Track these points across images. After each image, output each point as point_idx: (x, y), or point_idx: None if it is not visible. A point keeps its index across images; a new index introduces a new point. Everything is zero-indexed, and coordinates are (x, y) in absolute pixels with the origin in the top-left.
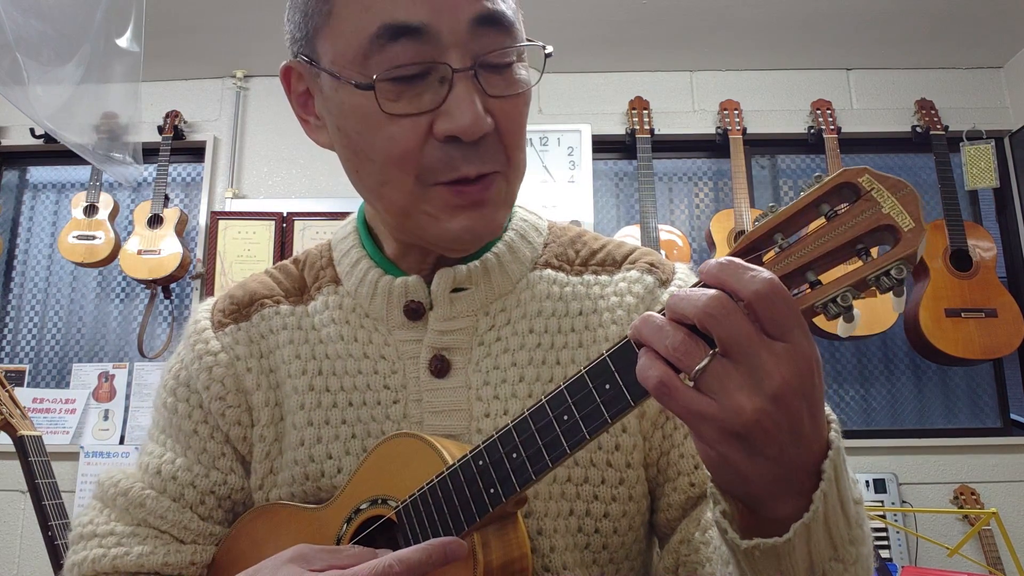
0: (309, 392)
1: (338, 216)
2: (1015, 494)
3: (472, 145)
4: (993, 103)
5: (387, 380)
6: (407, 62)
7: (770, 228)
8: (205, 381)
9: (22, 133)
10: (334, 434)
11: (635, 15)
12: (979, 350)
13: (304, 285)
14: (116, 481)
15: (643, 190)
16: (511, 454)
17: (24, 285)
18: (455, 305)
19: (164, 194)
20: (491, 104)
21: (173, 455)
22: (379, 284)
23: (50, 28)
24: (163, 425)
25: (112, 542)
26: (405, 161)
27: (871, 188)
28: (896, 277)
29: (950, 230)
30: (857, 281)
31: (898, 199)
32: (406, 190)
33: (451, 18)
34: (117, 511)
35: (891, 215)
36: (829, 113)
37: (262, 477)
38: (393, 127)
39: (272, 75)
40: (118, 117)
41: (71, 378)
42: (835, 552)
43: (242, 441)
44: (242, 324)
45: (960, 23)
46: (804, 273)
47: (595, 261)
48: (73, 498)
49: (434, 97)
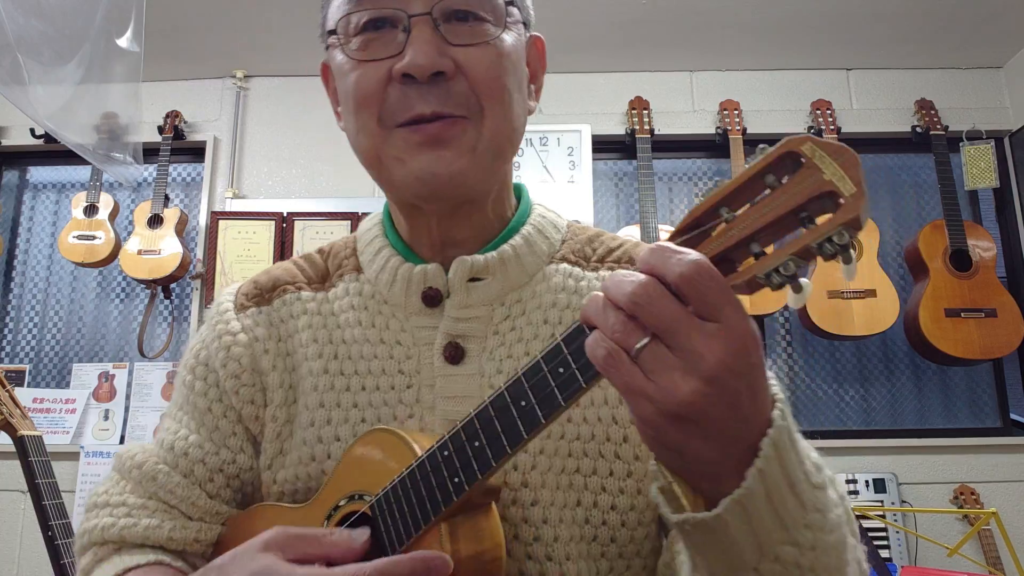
0: (323, 375)
1: (338, 216)
2: (1015, 494)
3: (430, 86)
4: (993, 103)
5: (402, 365)
6: (369, 8)
7: (715, 202)
8: (223, 359)
9: (22, 133)
10: (344, 417)
11: (635, 15)
12: (979, 350)
13: (327, 273)
14: (133, 454)
15: (643, 190)
16: (472, 442)
17: (24, 285)
18: (471, 294)
19: (164, 194)
20: (455, 52)
21: (187, 431)
22: (399, 271)
23: (51, 28)
24: (180, 402)
25: (122, 512)
26: (368, 102)
27: (812, 155)
28: (838, 243)
29: (950, 230)
30: (800, 249)
31: (839, 164)
32: (372, 133)
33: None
34: (132, 483)
35: (832, 180)
36: (829, 113)
37: (271, 457)
38: (358, 72)
39: (272, 75)
40: (118, 117)
41: (71, 378)
42: (787, 535)
43: (254, 420)
44: (263, 308)
45: (960, 23)
46: (748, 245)
47: (612, 258)
48: (73, 498)
49: (396, 45)
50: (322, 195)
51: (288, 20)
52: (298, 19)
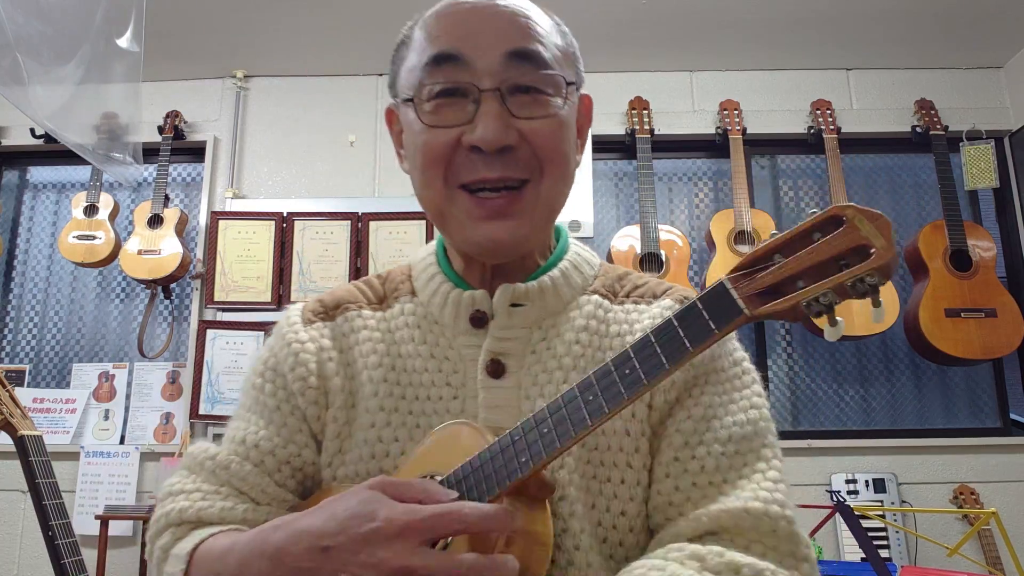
0: (383, 383)
1: (338, 216)
2: (1015, 494)
3: (496, 155)
4: (993, 103)
5: (449, 378)
6: (444, 80)
7: (770, 249)
8: (291, 364)
9: (22, 133)
10: (401, 420)
11: (635, 15)
12: (979, 350)
13: (384, 296)
14: (205, 449)
15: (643, 190)
16: (542, 429)
17: (24, 285)
18: (513, 318)
19: (164, 194)
20: (520, 124)
21: (256, 428)
22: (450, 296)
23: (50, 28)
24: (249, 404)
25: (198, 497)
26: (436, 164)
27: (853, 218)
28: (870, 283)
29: (950, 230)
30: (837, 284)
31: (875, 226)
32: (437, 190)
33: (487, 51)
34: (204, 474)
35: (867, 237)
36: (829, 113)
37: (331, 455)
38: (429, 135)
39: (272, 75)
40: (118, 117)
41: (71, 378)
42: None
43: (316, 420)
44: (328, 323)
45: (960, 23)
46: (795, 281)
47: (636, 294)
48: (73, 498)
49: (465, 114)
50: (322, 195)
51: (288, 20)
52: (298, 19)
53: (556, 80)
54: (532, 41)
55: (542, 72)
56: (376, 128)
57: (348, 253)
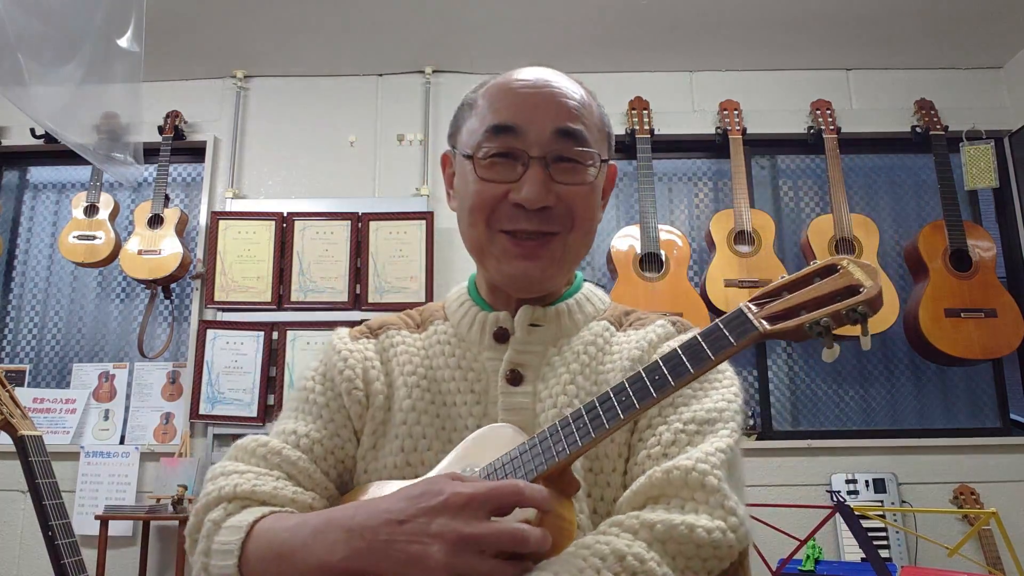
0: (416, 388)
1: (338, 216)
2: (1015, 494)
3: (536, 212)
4: (993, 103)
5: (473, 386)
6: (500, 145)
7: (780, 287)
8: (340, 368)
9: (22, 133)
10: (429, 421)
11: (635, 15)
12: (979, 350)
13: (422, 321)
14: (261, 440)
15: (643, 190)
16: (578, 424)
17: (24, 285)
18: (531, 335)
19: (164, 194)
20: (559, 188)
21: (305, 424)
22: (477, 317)
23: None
24: (296, 406)
25: (251, 476)
26: (483, 210)
27: (847, 266)
28: (860, 312)
29: (950, 230)
30: (833, 312)
31: (864, 271)
32: (480, 231)
33: (539, 126)
34: (255, 459)
35: (859, 279)
36: (829, 113)
37: (367, 449)
38: (481, 187)
39: (272, 75)
40: (119, 117)
41: (71, 378)
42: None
43: (358, 419)
44: (373, 340)
45: (960, 23)
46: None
47: (638, 322)
48: (73, 498)
49: (514, 174)
50: (322, 195)
51: (288, 20)
52: (298, 19)
53: (592, 155)
54: (577, 121)
55: (581, 149)
56: (376, 128)
57: (348, 253)
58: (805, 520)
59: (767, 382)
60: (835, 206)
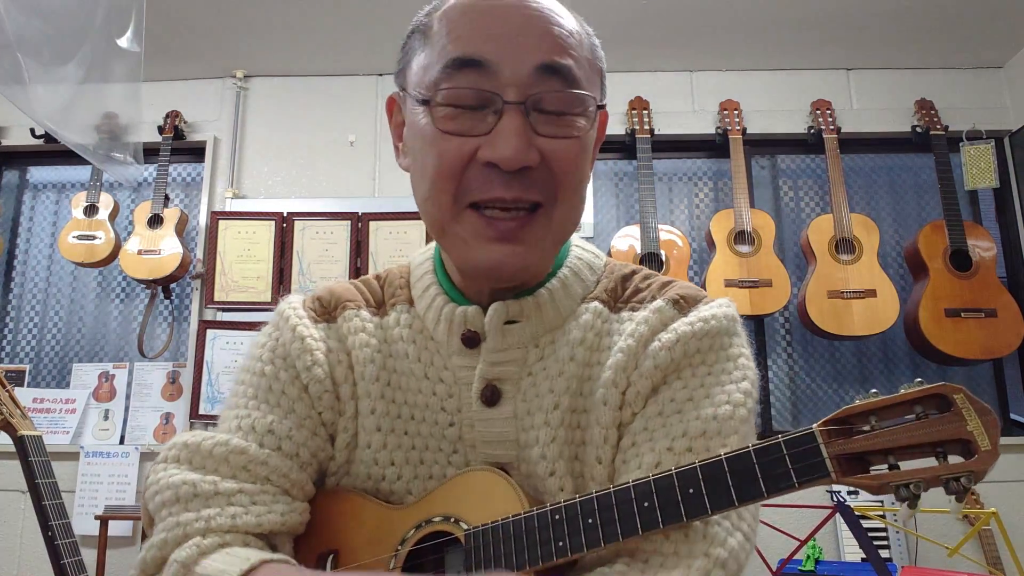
0: (380, 400)
1: (338, 216)
2: (1015, 494)
3: (514, 174)
4: (993, 103)
5: (444, 403)
6: (466, 86)
7: (867, 409)
8: (307, 362)
9: (22, 133)
10: (397, 443)
11: (635, 15)
12: (979, 350)
13: (382, 299)
14: (224, 440)
15: (643, 190)
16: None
17: (24, 285)
18: (507, 337)
19: (164, 194)
20: (541, 142)
21: (276, 417)
22: (443, 311)
23: (51, 28)
24: (256, 392)
25: (246, 500)
26: (447, 178)
27: (962, 405)
28: (964, 485)
29: (950, 230)
30: (931, 477)
31: (982, 422)
32: (444, 207)
33: (515, 61)
34: (229, 468)
35: (973, 433)
36: (829, 113)
37: (339, 465)
38: (443, 143)
39: (272, 75)
40: (118, 117)
41: (71, 378)
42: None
43: (331, 425)
44: (331, 324)
45: (960, 23)
46: (886, 456)
47: (636, 299)
48: (73, 498)
49: (484, 125)
50: (322, 195)
51: (288, 20)
52: (298, 19)
53: (585, 100)
54: (565, 55)
55: (572, 92)
56: (376, 128)
57: (348, 253)
58: (805, 520)
59: (767, 382)
60: (835, 206)
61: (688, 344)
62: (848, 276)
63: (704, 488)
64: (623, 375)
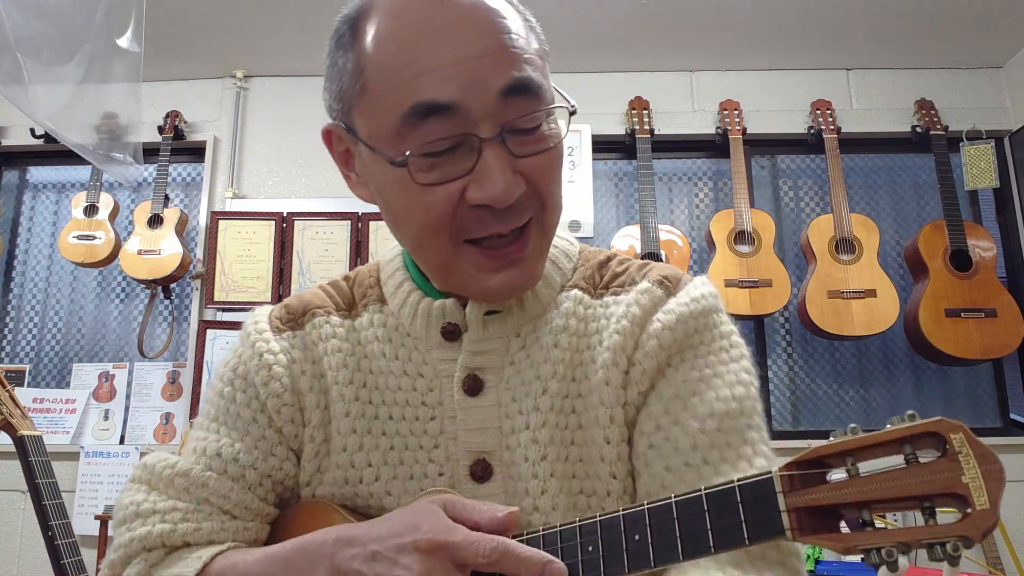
0: (355, 402)
1: (338, 216)
2: (1015, 494)
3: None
4: (993, 103)
5: (424, 397)
6: (439, 137)
7: (844, 449)
8: (264, 378)
9: (22, 133)
10: (374, 443)
11: (635, 15)
12: (979, 350)
13: (353, 301)
14: (172, 463)
15: (643, 190)
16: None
17: (24, 285)
18: (488, 328)
19: (164, 194)
20: (522, 165)
21: (231, 440)
22: (419, 306)
23: (51, 28)
24: (217, 414)
25: (178, 517)
26: (439, 226)
27: (960, 448)
28: (951, 552)
29: (950, 230)
30: (911, 540)
31: (982, 472)
32: (442, 250)
33: (480, 92)
34: (174, 491)
35: (969, 487)
36: (829, 113)
37: (310, 475)
38: (427, 196)
39: (272, 75)
40: (118, 117)
41: (71, 378)
42: None
43: (294, 438)
44: (297, 332)
45: (960, 23)
46: (860, 509)
47: (616, 284)
48: (73, 498)
49: (465, 164)
50: (322, 195)
51: (288, 20)
52: (298, 19)
53: (551, 110)
54: (522, 65)
55: (540, 109)
56: None
57: (348, 253)
58: None
59: (767, 381)
60: (835, 206)
61: (687, 323)
62: (848, 276)
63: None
64: (623, 355)
